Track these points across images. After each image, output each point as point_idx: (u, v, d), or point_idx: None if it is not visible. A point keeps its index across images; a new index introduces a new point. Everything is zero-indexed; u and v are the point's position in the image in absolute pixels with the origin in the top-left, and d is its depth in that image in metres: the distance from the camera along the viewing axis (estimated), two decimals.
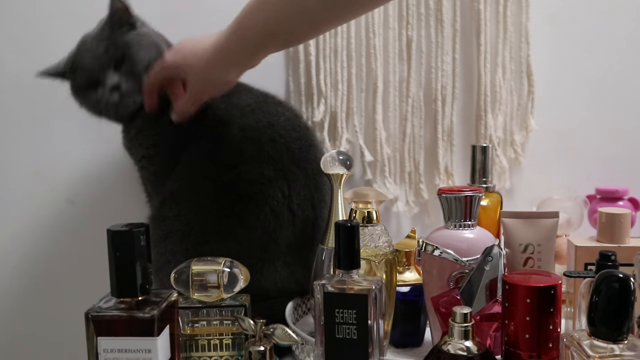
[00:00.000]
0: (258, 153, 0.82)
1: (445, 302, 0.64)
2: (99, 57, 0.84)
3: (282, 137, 0.84)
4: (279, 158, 0.82)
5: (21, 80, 1.03)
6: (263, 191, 0.80)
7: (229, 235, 0.80)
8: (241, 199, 0.80)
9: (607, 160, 1.06)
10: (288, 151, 0.83)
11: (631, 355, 0.49)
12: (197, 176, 0.83)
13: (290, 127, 0.86)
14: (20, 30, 1.02)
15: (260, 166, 0.81)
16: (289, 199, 0.82)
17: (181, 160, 0.85)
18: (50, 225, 1.06)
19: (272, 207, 0.81)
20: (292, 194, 0.82)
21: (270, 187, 0.81)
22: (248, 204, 0.80)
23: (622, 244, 0.75)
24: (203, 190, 0.81)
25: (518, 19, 1.02)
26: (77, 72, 0.86)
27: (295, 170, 0.83)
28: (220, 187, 0.81)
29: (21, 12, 1.02)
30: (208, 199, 0.81)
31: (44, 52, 0.93)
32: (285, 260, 0.82)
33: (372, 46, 1.01)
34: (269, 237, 0.81)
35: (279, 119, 0.86)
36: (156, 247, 0.81)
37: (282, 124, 0.85)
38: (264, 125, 0.84)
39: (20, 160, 1.05)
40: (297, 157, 0.84)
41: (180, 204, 0.82)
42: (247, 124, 0.84)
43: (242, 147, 0.82)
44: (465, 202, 0.68)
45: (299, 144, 0.85)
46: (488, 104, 1.03)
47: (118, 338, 0.55)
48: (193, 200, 0.81)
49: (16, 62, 1.03)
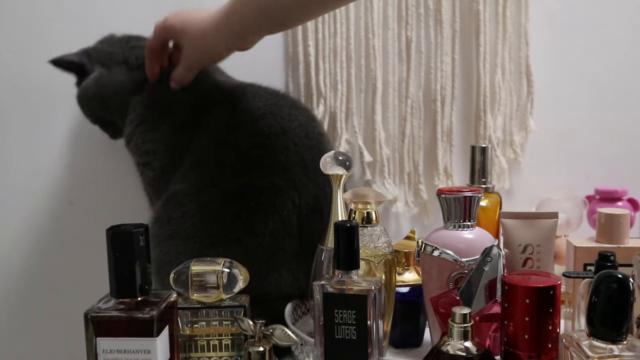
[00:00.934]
0: (270, 162, 0.80)
1: (444, 303, 0.64)
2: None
3: (296, 146, 0.82)
4: (291, 168, 0.81)
5: (21, 80, 1.03)
6: (273, 200, 0.79)
7: (235, 240, 0.78)
8: (250, 206, 0.79)
9: (606, 161, 1.06)
10: (301, 161, 0.82)
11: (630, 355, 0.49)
12: (204, 180, 0.82)
13: (304, 134, 0.84)
14: (19, 31, 1.02)
15: (271, 175, 0.80)
16: (299, 208, 0.80)
17: (185, 162, 0.84)
18: (50, 226, 1.06)
19: (281, 216, 0.79)
20: (302, 204, 0.80)
21: (281, 196, 0.79)
22: (257, 212, 0.79)
23: (621, 245, 0.75)
24: (210, 194, 0.80)
25: (517, 19, 1.02)
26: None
27: (306, 182, 0.81)
28: (228, 192, 0.80)
29: (21, 12, 1.02)
30: (215, 204, 0.80)
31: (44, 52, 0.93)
32: (290, 267, 0.81)
33: (371, 47, 1.01)
34: (277, 245, 0.79)
35: (292, 124, 0.84)
36: (159, 247, 0.80)
37: (295, 130, 0.83)
38: (277, 132, 0.82)
39: (19, 161, 1.05)
40: (309, 168, 0.82)
41: (185, 205, 0.81)
42: (258, 131, 0.82)
43: (252, 154, 0.81)
44: (465, 202, 0.68)
45: (312, 154, 0.83)
46: (487, 104, 1.03)
47: (117, 339, 0.55)
48: (199, 203, 0.80)
49: (16, 62, 1.03)
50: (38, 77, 1.02)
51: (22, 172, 1.05)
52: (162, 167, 0.86)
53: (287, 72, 1.04)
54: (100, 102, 0.91)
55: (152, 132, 0.87)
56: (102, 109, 0.93)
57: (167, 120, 0.87)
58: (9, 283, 1.07)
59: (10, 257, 1.06)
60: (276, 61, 1.04)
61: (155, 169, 0.87)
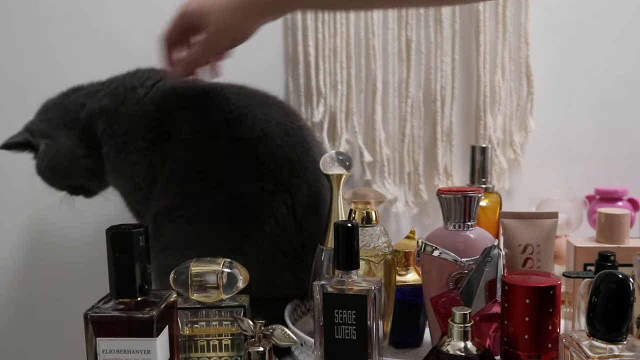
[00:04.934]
0: (258, 168, 0.79)
1: (444, 303, 0.64)
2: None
3: (279, 147, 0.80)
4: (279, 171, 0.79)
5: (21, 80, 1.03)
6: (266, 205, 0.78)
7: (234, 248, 0.77)
8: (244, 214, 0.78)
9: (606, 161, 1.06)
10: (288, 163, 0.80)
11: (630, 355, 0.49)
12: (189, 193, 0.80)
13: (284, 132, 0.81)
14: (20, 31, 1.02)
15: (260, 180, 0.78)
16: (293, 209, 0.79)
17: (161, 175, 0.82)
18: (49, 226, 1.06)
19: (277, 220, 0.78)
20: (295, 205, 0.80)
21: (272, 200, 0.78)
22: (252, 219, 0.78)
23: (622, 245, 0.75)
24: (199, 207, 0.79)
25: (517, 19, 1.02)
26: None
27: (296, 182, 0.80)
28: (218, 203, 0.78)
29: (21, 12, 1.02)
30: (206, 215, 0.78)
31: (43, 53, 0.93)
32: (293, 270, 0.80)
33: (371, 47, 1.01)
34: (277, 249, 0.79)
35: (270, 125, 0.81)
36: (157, 259, 0.79)
37: (274, 130, 0.81)
38: (258, 135, 0.80)
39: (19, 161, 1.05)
40: (296, 167, 0.80)
41: (175, 221, 0.79)
42: (238, 137, 0.80)
43: (236, 162, 0.79)
44: (465, 202, 0.68)
45: (296, 152, 0.81)
46: (487, 104, 1.03)
47: (117, 339, 0.55)
48: (188, 218, 0.79)
49: (16, 62, 1.03)
50: (38, 77, 1.02)
51: (22, 172, 1.05)
52: (149, 185, 0.84)
53: (287, 72, 1.04)
54: (57, 172, 0.88)
55: (132, 154, 0.84)
56: (63, 178, 0.89)
57: (136, 139, 0.83)
58: (9, 283, 1.07)
59: (10, 257, 1.06)
60: (276, 61, 1.04)
61: (143, 189, 0.84)
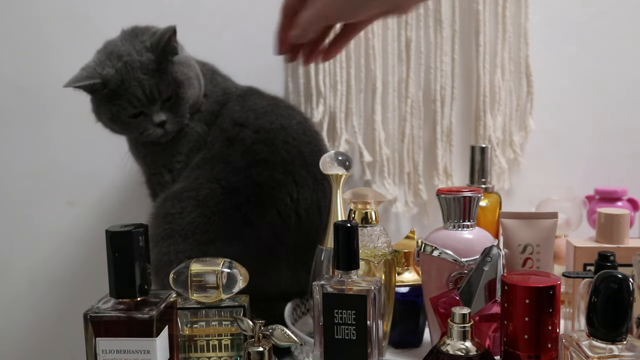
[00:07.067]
0: (271, 156, 0.82)
1: (444, 303, 0.64)
2: (148, 93, 0.81)
3: (295, 140, 0.84)
4: (291, 161, 0.83)
5: (21, 80, 1.03)
6: (272, 194, 0.80)
7: (235, 236, 0.79)
8: (249, 201, 0.80)
9: (606, 161, 1.06)
10: (300, 155, 0.84)
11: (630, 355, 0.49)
12: (206, 177, 0.82)
13: (302, 130, 0.87)
14: (19, 31, 1.02)
15: (271, 169, 0.81)
16: (296, 203, 0.82)
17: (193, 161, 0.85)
18: (49, 227, 1.06)
19: (279, 210, 0.81)
20: (300, 198, 0.82)
21: (279, 190, 0.81)
22: (256, 206, 0.80)
23: (621, 245, 0.75)
24: (210, 190, 0.81)
25: (517, 19, 1.02)
26: (121, 101, 0.81)
27: (305, 175, 0.83)
28: (228, 188, 0.81)
29: (21, 12, 1.02)
30: (214, 200, 0.80)
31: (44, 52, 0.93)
32: (289, 262, 0.82)
33: (371, 47, 1.01)
34: (275, 240, 0.80)
35: (291, 122, 0.86)
36: (158, 247, 0.80)
37: (294, 127, 0.86)
38: (277, 127, 0.84)
39: (19, 162, 1.05)
40: (307, 161, 0.84)
41: (184, 202, 0.81)
42: (261, 126, 0.84)
43: (255, 149, 0.82)
44: (464, 202, 0.68)
45: (310, 148, 0.85)
46: (487, 104, 1.03)
47: (117, 339, 0.55)
48: (197, 200, 0.81)
49: (15, 63, 1.03)
50: (38, 77, 1.02)
51: (22, 172, 1.05)
52: (179, 170, 0.86)
53: (287, 72, 1.04)
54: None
55: (178, 147, 0.86)
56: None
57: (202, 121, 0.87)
58: (8, 283, 1.07)
59: (10, 257, 1.06)
60: (276, 61, 1.04)
61: (172, 171, 0.87)
